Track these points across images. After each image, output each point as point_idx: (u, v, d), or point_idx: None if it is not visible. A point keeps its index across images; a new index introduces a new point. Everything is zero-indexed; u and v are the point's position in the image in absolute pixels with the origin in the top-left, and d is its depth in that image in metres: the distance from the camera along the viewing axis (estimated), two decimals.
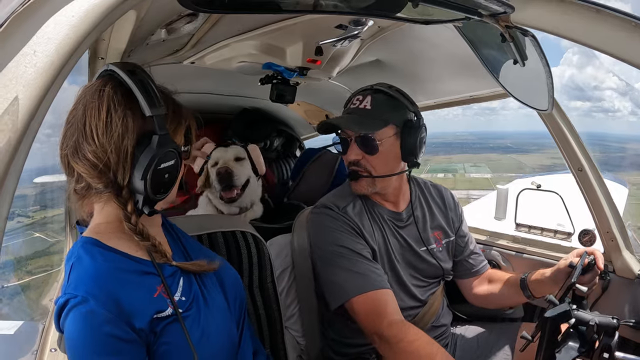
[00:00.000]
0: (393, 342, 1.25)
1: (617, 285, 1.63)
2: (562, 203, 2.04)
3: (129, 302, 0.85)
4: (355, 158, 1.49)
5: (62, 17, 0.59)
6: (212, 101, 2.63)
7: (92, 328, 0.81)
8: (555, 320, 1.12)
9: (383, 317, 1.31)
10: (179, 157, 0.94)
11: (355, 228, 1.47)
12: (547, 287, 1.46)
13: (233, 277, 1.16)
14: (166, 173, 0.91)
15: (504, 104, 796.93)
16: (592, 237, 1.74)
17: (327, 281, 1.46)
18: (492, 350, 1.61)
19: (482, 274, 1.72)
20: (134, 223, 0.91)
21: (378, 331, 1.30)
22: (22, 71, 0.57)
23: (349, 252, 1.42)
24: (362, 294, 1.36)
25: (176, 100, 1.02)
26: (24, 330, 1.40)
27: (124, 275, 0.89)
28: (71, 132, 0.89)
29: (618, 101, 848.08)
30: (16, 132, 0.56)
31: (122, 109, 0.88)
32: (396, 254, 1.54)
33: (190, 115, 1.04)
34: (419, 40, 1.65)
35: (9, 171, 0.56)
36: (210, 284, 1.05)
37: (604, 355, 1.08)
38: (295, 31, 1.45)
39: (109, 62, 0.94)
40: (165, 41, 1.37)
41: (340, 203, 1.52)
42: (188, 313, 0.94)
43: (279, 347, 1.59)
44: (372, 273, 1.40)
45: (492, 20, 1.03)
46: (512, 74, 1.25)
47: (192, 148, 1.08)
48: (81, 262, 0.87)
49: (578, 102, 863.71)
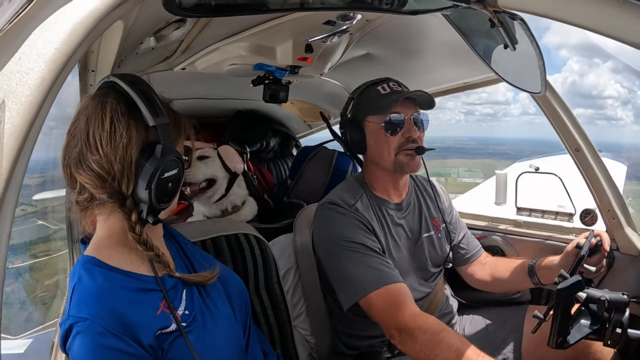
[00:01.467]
0: (418, 334, 1.22)
1: (621, 263, 1.64)
2: (561, 184, 2.04)
3: (133, 320, 0.85)
4: (416, 135, 1.50)
5: (50, 32, 0.59)
6: (206, 105, 2.62)
7: (99, 347, 0.81)
8: (569, 291, 1.11)
9: (403, 309, 1.29)
10: (182, 166, 0.95)
11: (365, 224, 1.47)
12: (556, 273, 1.47)
13: (238, 284, 1.16)
14: (169, 182, 0.91)
15: (505, 110, 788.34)
16: (594, 217, 1.74)
17: (340, 278, 1.44)
18: (500, 334, 1.62)
19: (478, 258, 1.74)
20: (138, 233, 0.90)
21: (400, 324, 1.27)
22: (13, 88, 0.57)
23: (362, 248, 1.41)
24: (379, 288, 1.34)
25: (175, 109, 1.02)
26: (34, 348, 1.40)
27: (126, 293, 0.89)
28: (74, 144, 0.89)
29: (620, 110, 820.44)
30: (14, 148, 0.56)
31: (125, 120, 0.88)
32: (402, 247, 1.55)
33: (189, 123, 1.04)
34: (408, 31, 1.64)
35: (9, 187, 0.56)
36: (214, 293, 1.04)
37: (617, 331, 1.08)
38: (284, 30, 1.44)
39: (109, 74, 0.94)
40: (155, 49, 1.36)
41: (349, 200, 1.51)
42: (192, 327, 0.94)
43: (290, 347, 1.59)
44: (385, 267, 1.39)
45: (479, 6, 1.02)
46: (503, 59, 1.25)
47: (192, 156, 1.08)
48: (82, 283, 0.87)
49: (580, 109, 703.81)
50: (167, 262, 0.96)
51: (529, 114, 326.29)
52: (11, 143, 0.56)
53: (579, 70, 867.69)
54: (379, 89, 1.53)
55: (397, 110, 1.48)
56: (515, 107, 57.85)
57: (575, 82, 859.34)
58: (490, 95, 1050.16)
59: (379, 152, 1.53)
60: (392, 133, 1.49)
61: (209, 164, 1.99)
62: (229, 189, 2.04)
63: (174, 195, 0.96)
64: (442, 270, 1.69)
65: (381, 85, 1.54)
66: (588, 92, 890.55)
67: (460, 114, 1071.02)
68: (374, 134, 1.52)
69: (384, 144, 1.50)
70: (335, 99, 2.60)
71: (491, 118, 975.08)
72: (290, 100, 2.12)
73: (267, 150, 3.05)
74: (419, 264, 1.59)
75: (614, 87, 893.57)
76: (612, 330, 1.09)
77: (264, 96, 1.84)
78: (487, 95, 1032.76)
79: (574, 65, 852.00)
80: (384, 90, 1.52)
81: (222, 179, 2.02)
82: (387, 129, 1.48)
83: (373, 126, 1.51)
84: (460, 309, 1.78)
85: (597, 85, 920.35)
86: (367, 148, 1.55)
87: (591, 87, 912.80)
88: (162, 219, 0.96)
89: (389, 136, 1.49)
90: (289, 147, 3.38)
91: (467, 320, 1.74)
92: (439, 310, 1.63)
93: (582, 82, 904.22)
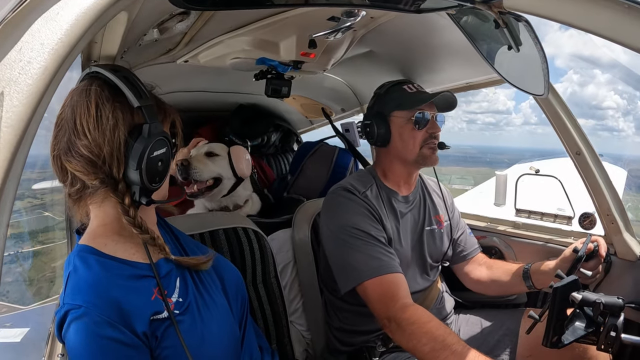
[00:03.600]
0: (406, 325, 1.26)
1: (618, 268, 1.64)
2: (561, 187, 2.04)
3: (128, 307, 0.85)
4: (439, 132, 1.62)
5: (54, 22, 0.59)
6: (208, 99, 2.62)
7: (95, 336, 0.81)
8: (565, 290, 1.12)
9: (396, 300, 1.34)
10: (170, 144, 0.96)
11: (374, 212, 1.52)
12: (551, 278, 1.47)
13: (235, 276, 1.16)
14: (159, 161, 0.93)
15: (507, 120, 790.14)
16: (593, 220, 1.75)
17: (340, 263, 1.49)
18: (496, 336, 1.63)
19: (474, 257, 1.78)
20: (132, 216, 0.91)
21: (390, 314, 1.31)
22: (15, 77, 0.57)
23: (366, 236, 1.45)
24: (376, 277, 1.39)
25: (158, 96, 1.03)
26: (30, 337, 1.40)
27: (121, 281, 0.89)
28: (62, 134, 0.89)
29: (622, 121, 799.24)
30: (14, 137, 0.56)
31: (110, 103, 0.89)
32: (406, 239, 1.60)
33: (174, 110, 1.05)
34: (412, 30, 1.64)
35: (8, 177, 0.56)
36: (209, 283, 1.04)
37: (611, 335, 1.08)
38: (288, 25, 1.44)
39: (91, 65, 0.95)
40: (158, 41, 1.36)
41: (361, 187, 1.57)
42: (185, 315, 0.93)
43: (285, 342, 1.60)
44: (385, 257, 1.43)
45: (484, 7, 1.02)
46: (507, 60, 1.25)
47: (178, 142, 1.08)
48: (77, 271, 0.87)
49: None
50: (161, 244, 0.96)
51: (530, 124, 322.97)
52: (11, 132, 0.56)
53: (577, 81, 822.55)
54: (405, 88, 1.64)
55: (423, 109, 1.58)
56: (517, 117, 58.18)
57: (573, 93, 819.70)
58: (492, 104, 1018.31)
59: (403, 145, 1.60)
60: (419, 128, 1.58)
61: (217, 162, 1.93)
62: (232, 190, 2.01)
63: (165, 175, 0.96)
64: (439, 267, 1.73)
65: (406, 85, 1.65)
66: (587, 103, 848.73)
67: (462, 122, 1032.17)
68: (400, 128, 1.60)
69: (410, 137, 1.59)
70: (338, 96, 2.60)
71: (493, 127, 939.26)
72: (292, 96, 2.12)
73: (268, 145, 3.04)
74: (420, 256, 1.64)
75: (612, 98, 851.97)
76: (606, 334, 1.09)
77: (266, 91, 1.84)
78: (488, 104, 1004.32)
79: (573, 76, 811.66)
80: (410, 89, 1.63)
81: (228, 180, 1.96)
82: (416, 124, 1.57)
83: (400, 121, 1.60)
84: (457, 308, 1.79)
85: (595, 96, 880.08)
86: (391, 140, 1.62)
87: (591, 98, 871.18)
88: (155, 200, 0.96)
89: (416, 130, 1.58)
90: (290, 142, 3.38)
91: (463, 319, 1.75)
92: (434, 306, 1.66)
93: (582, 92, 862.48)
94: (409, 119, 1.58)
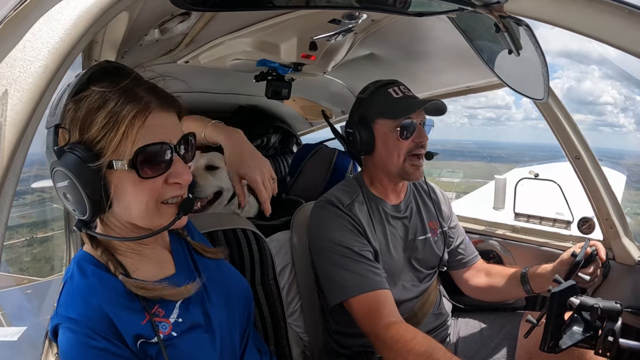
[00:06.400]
0: (390, 343, 1.26)
1: (617, 273, 1.64)
2: (560, 192, 2.04)
3: (119, 323, 0.83)
4: (426, 141, 1.52)
5: (55, 21, 0.59)
6: (208, 100, 2.62)
7: (86, 347, 0.80)
8: (562, 295, 1.11)
9: (380, 318, 1.32)
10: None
11: (359, 227, 1.48)
12: (549, 282, 1.47)
13: (243, 287, 1.14)
14: None
15: (508, 115, 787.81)
16: (592, 225, 1.75)
17: (326, 278, 1.48)
18: (494, 339, 1.62)
19: (474, 264, 1.75)
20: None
21: (375, 332, 1.31)
22: (16, 76, 0.57)
23: (350, 252, 1.43)
24: (360, 295, 1.37)
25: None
26: (27, 335, 1.40)
27: (115, 296, 0.86)
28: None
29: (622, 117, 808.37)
30: (15, 135, 0.56)
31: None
32: (397, 247, 1.56)
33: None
34: (413, 33, 1.64)
35: (8, 175, 0.56)
36: (214, 298, 1.01)
37: (609, 339, 1.08)
38: (289, 27, 1.44)
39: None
40: (159, 41, 1.36)
41: (345, 199, 1.53)
42: (185, 336, 0.90)
43: (283, 344, 1.59)
44: (371, 274, 1.41)
45: (485, 11, 1.02)
46: (507, 64, 1.25)
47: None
48: (73, 280, 0.86)
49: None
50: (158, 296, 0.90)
51: (531, 119, 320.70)
52: (12, 131, 0.56)
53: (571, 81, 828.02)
54: (391, 92, 1.53)
55: (410, 116, 1.48)
56: (518, 112, 58.24)
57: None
58: (490, 99, 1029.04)
59: (387, 155, 1.52)
60: (405, 138, 1.49)
61: (218, 176, 1.81)
62: (231, 198, 1.95)
63: None
64: (436, 272, 1.71)
65: (392, 88, 1.54)
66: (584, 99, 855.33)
67: (463, 117, 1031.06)
68: (384, 137, 1.52)
69: (394, 147, 1.50)
70: (338, 98, 2.60)
71: (494, 122, 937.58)
72: (292, 98, 2.12)
73: (267, 146, 3.04)
74: (413, 264, 1.61)
75: (610, 94, 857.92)
76: (604, 339, 1.09)
77: (266, 92, 1.84)
78: (486, 99, 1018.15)
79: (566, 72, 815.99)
80: (396, 94, 1.52)
81: (227, 192, 1.84)
82: (402, 134, 1.48)
83: (384, 129, 1.51)
84: (456, 312, 1.79)
85: (593, 92, 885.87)
86: (375, 149, 1.54)
87: (587, 93, 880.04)
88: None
89: (401, 140, 1.49)
90: (290, 144, 3.37)
91: (462, 323, 1.74)
92: (433, 311, 1.65)
93: (580, 89, 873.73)
94: (394, 128, 1.48)
